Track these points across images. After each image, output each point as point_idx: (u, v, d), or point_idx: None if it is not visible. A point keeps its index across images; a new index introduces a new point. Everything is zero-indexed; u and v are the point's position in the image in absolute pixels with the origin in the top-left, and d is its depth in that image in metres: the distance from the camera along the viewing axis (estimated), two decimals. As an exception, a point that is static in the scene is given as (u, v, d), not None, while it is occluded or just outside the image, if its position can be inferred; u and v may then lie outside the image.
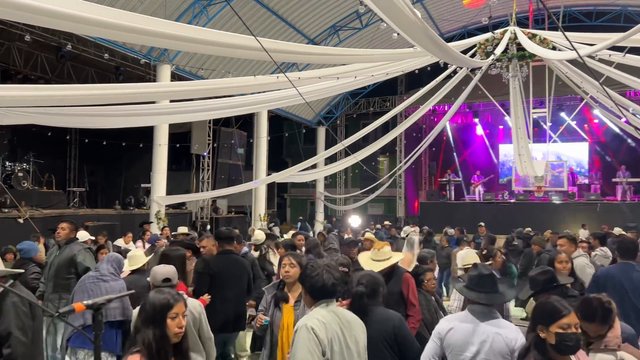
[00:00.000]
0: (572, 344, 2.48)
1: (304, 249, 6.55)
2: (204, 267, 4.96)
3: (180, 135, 17.16)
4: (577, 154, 22.16)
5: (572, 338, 2.47)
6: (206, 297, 4.67)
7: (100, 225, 12.19)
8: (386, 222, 16.78)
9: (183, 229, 9.95)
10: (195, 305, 3.68)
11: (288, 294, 3.63)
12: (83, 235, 7.60)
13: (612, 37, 5.80)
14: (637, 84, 9.35)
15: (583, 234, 12.41)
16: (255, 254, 7.14)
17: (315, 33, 18.34)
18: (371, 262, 4.47)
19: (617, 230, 10.96)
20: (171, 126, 14.20)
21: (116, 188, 20.09)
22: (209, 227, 16.90)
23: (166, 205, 14.14)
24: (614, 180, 19.76)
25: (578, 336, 2.51)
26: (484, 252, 5.99)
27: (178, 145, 16.81)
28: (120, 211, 15.15)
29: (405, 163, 18.67)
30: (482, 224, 12.75)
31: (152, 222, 12.95)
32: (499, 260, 5.93)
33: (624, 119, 12.66)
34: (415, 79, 17.55)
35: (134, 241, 9.99)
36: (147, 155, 14.91)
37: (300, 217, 22.78)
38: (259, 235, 7.52)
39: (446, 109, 20.24)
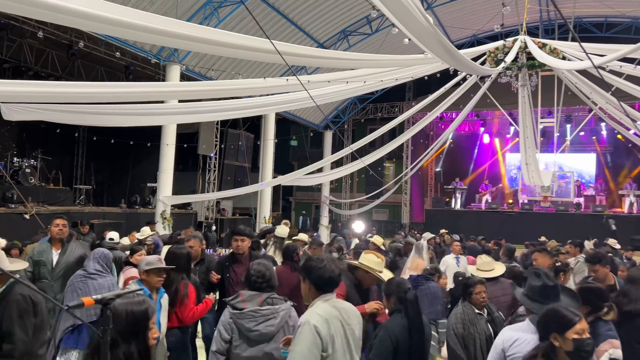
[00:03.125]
0: (590, 349, 2.48)
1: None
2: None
3: (187, 136, 17.21)
4: (584, 165, 22.04)
5: (589, 343, 2.48)
6: (212, 296, 4.63)
7: (105, 223, 12.25)
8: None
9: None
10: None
11: None
12: (114, 235, 7.48)
13: (624, 49, 5.77)
14: (647, 96, 9.31)
15: (588, 245, 12.34)
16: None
17: (325, 37, 18.38)
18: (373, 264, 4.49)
19: (612, 242, 10.90)
20: (179, 126, 14.23)
21: (122, 186, 20.18)
22: (214, 227, 16.93)
23: (172, 205, 14.16)
24: (620, 192, 19.72)
25: (592, 341, 2.52)
26: (557, 264, 5.12)
27: (185, 145, 16.85)
28: (126, 210, 15.20)
29: (412, 169, 18.63)
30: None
31: (157, 222, 12.97)
32: (567, 278, 5.07)
33: (633, 131, 12.60)
34: (424, 86, 17.56)
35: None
36: (154, 155, 14.93)
37: (303, 212, 22.83)
38: (283, 230, 7.53)
39: (454, 117, 20.22)
